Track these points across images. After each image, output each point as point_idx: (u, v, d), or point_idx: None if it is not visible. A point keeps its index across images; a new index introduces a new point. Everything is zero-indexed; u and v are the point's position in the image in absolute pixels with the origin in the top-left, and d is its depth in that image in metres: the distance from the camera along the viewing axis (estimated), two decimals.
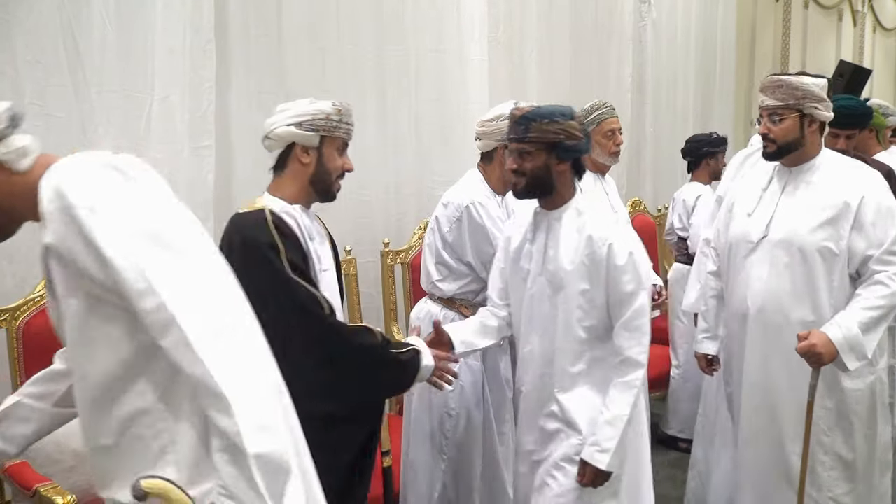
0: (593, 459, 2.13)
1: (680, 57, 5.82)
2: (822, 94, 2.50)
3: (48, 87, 2.63)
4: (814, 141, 2.55)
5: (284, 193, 2.13)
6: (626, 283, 2.15)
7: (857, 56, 8.60)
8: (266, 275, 1.96)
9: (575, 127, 2.19)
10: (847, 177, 2.51)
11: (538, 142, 2.17)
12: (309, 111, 2.10)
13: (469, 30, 3.99)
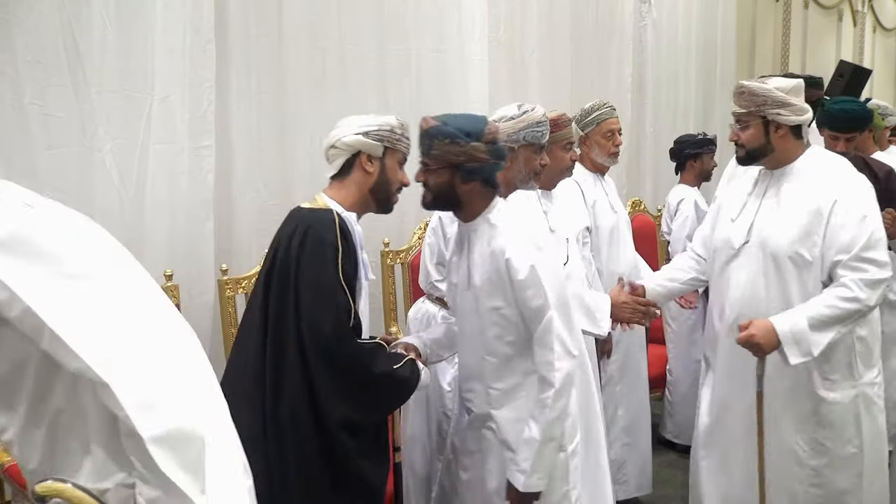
0: (513, 479, 2.13)
1: (680, 57, 5.82)
2: (788, 99, 2.46)
3: (48, 87, 2.63)
4: (786, 145, 2.51)
5: (344, 200, 2.19)
6: (531, 298, 2.09)
7: (857, 56, 8.61)
8: (322, 275, 2.02)
9: (479, 150, 2.11)
10: (823, 180, 2.47)
11: (441, 160, 2.13)
12: (375, 122, 2.19)
13: (469, 30, 3.99)
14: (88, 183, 2.75)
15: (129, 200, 2.84)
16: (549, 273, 2.12)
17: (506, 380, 2.18)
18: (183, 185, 2.93)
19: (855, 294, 2.33)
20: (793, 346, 2.34)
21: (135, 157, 2.85)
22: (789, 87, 2.47)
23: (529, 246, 2.13)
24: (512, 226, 2.16)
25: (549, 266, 2.14)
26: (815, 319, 2.33)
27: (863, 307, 2.34)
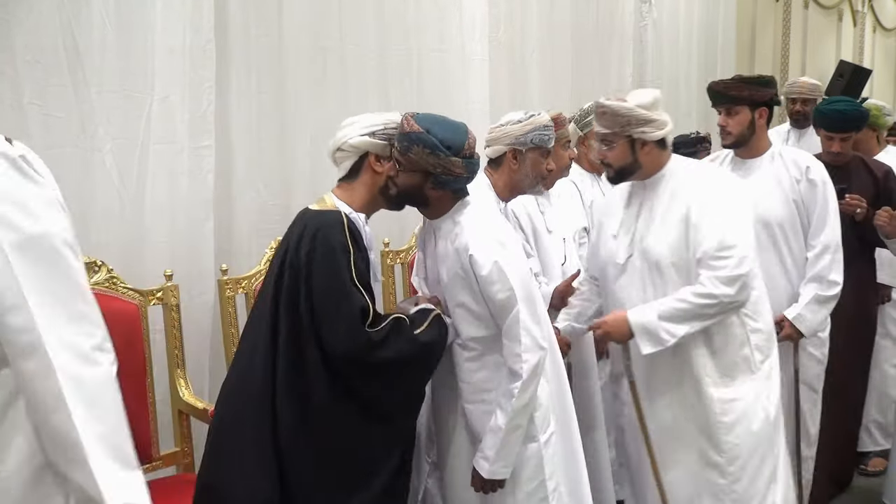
0: (477, 465, 2.17)
1: (681, 57, 5.82)
2: (650, 115, 2.42)
3: (48, 87, 2.62)
4: (652, 159, 2.50)
5: (353, 201, 2.18)
6: (497, 293, 2.11)
7: (857, 56, 8.61)
8: (333, 279, 2.02)
9: (456, 164, 2.11)
10: (686, 185, 2.47)
11: (414, 164, 2.13)
12: (381, 121, 2.18)
13: (470, 30, 3.98)
14: (88, 183, 2.74)
15: (129, 200, 2.84)
16: (514, 267, 2.15)
17: (477, 373, 2.21)
18: (183, 185, 2.93)
19: (708, 290, 2.33)
20: (643, 336, 2.39)
21: (135, 157, 2.84)
22: (650, 102, 2.44)
23: (492, 242, 2.15)
24: (475, 223, 2.18)
25: (513, 261, 2.16)
26: (666, 313, 2.37)
27: (720, 302, 2.34)
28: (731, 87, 3.02)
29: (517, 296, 2.11)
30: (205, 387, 2.98)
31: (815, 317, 2.95)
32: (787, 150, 3.14)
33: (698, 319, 2.37)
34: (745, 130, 3.02)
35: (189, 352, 2.87)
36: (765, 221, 2.97)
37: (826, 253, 2.96)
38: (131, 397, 2.57)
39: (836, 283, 2.95)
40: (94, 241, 2.75)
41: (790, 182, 3.01)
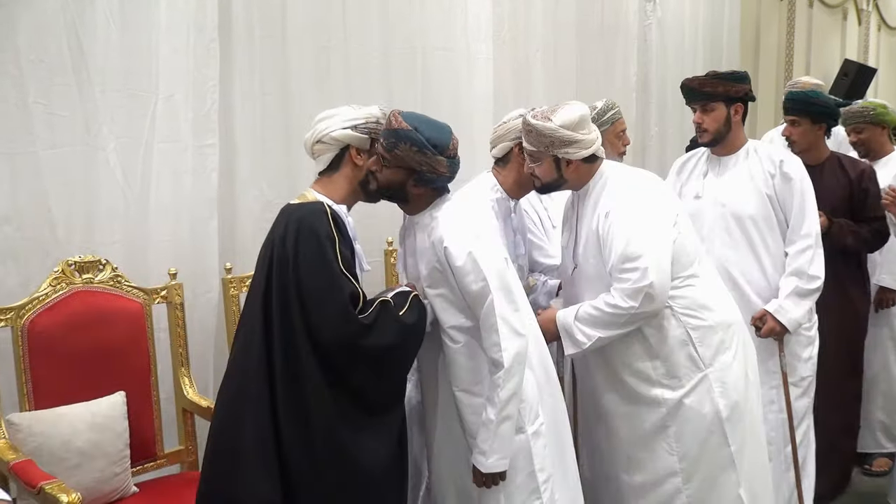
0: (476, 462, 2.16)
1: (686, 56, 5.79)
2: (574, 136, 2.38)
3: (52, 86, 2.63)
4: (579, 175, 2.47)
5: (333, 194, 2.19)
6: (471, 283, 2.12)
7: (862, 55, 8.57)
8: (318, 264, 2.03)
9: (440, 164, 2.14)
10: (605, 196, 2.44)
11: (399, 160, 2.14)
12: (361, 115, 2.20)
13: (475, 29, 3.98)
14: (92, 182, 2.75)
15: (134, 199, 2.85)
16: (489, 258, 2.15)
17: (466, 364, 2.22)
18: (187, 184, 2.94)
19: (616, 302, 2.34)
20: (566, 336, 2.44)
21: (139, 156, 2.85)
22: (575, 121, 2.38)
23: (467, 233, 2.16)
24: (451, 216, 2.20)
25: (488, 252, 2.17)
26: (582, 316, 2.40)
27: (628, 314, 2.33)
28: (706, 83, 2.97)
29: (491, 286, 2.11)
30: (209, 385, 2.98)
31: (796, 309, 2.88)
32: (763, 146, 3.10)
33: (612, 328, 2.37)
34: (721, 127, 2.97)
35: (193, 350, 2.88)
36: (737, 216, 2.96)
37: (806, 247, 2.90)
38: (135, 396, 2.59)
39: (817, 278, 2.89)
40: (99, 240, 2.76)
41: (763, 176, 2.96)
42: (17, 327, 2.44)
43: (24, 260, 2.62)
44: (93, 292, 2.60)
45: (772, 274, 2.95)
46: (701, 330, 2.43)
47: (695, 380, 2.42)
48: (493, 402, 2.12)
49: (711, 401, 2.42)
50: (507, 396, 2.12)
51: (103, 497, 2.44)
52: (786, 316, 2.87)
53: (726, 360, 2.45)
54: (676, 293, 2.41)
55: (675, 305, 2.42)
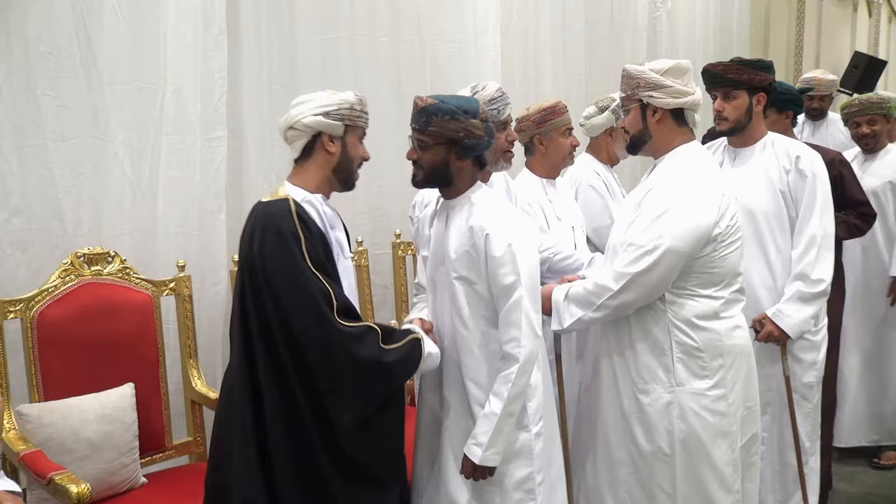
0: (469, 452, 2.14)
1: (697, 48, 5.78)
2: (662, 80, 2.32)
3: (61, 79, 2.63)
4: (664, 132, 2.38)
5: (307, 183, 2.16)
6: (504, 276, 2.12)
7: (873, 47, 8.51)
8: (286, 263, 2.00)
9: (477, 126, 2.15)
10: (664, 173, 2.36)
11: (438, 136, 2.14)
12: (334, 101, 2.14)
13: (483, 21, 3.97)
14: (101, 174, 2.75)
15: (142, 191, 2.85)
16: (526, 254, 2.16)
17: (475, 355, 2.20)
18: (195, 177, 2.94)
19: (601, 280, 2.31)
20: (554, 314, 2.40)
21: (147, 149, 2.85)
22: (665, 67, 2.34)
23: (509, 225, 2.17)
24: (492, 204, 2.21)
25: (526, 247, 2.17)
26: (573, 293, 2.36)
27: (606, 296, 2.29)
28: (730, 69, 2.85)
29: (522, 282, 2.12)
30: (217, 377, 2.99)
31: (798, 315, 2.73)
32: (780, 139, 2.94)
33: (589, 309, 2.33)
34: (741, 116, 2.84)
35: (201, 342, 2.89)
36: (748, 211, 2.80)
37: (811, 249, 2.75)
38: (144, 387, 2.60)
39: (822, 281, 2.74)
40: (107, 233, 2.76)
41: (778, 171, 2.83)
42: (26, 319, 2.45)
43: (33, 252, 2.63)
44: (101, 284, 2.61)
45: (780, 274, 2.83)
46: (685, 347, 2.32)
47: (660, 391, 2.33)
48: (499, 396, 2.12)
49: (669, 421, 2.33)
50: (516, 393, 2.12)
51: (112, 488, 2.45)
52: (785, 321, 2.74)
53: (699, 387, 2.32)
54: (681, 301, 2.32)
55: (671, 314, 2.32)
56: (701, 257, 2.28)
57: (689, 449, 2.33)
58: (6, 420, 2.37)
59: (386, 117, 3.66)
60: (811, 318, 2.78)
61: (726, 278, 2.33)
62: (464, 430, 2.23)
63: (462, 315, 2.21)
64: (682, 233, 2.24)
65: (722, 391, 2.33)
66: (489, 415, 2.13)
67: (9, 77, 2.53)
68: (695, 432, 2.32)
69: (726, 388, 2.34)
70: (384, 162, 3.68)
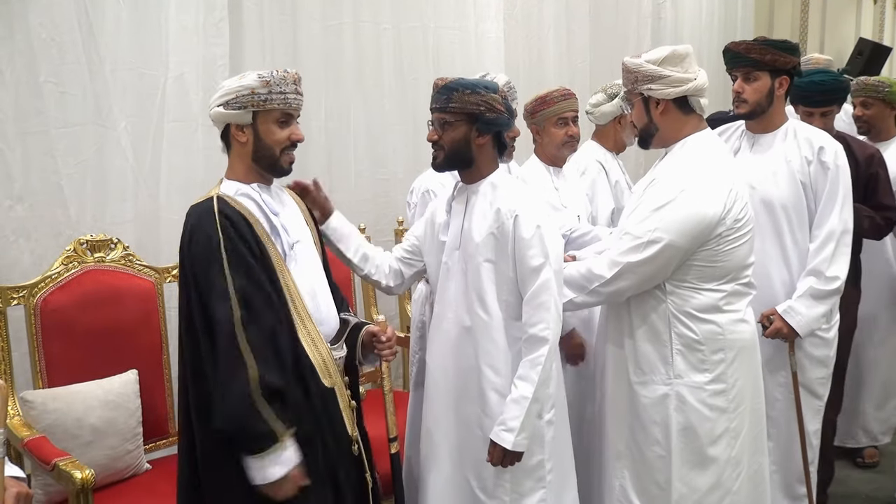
0: (499, 438, 2.11)
1: (702, 35, 5.75)
2: (660, 71, 2.23)
3: (63, 65, 2.63)
4: (669, 123, 2.29)
5: (237, 174, 2.07)
6: (532, 257, 2.12)
7: (877, 33, 8.46)
8: (209, 263, 1.92)
9: (497, 100, 2.15)
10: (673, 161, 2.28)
11: (459, 112, 2.14)
12: (234, 89, 1.99)
13: (484, 8, 3.96)
14: (104, 161, 2.75)
15: (144, 178, 2.85)
16: (554, 238, 2.17)
17: (496, 340, 2.19)
18: (197, 163, 2.94)
19: (593, 265, 2.28)
20: None
21: (149, 135, 2.85)
22: (661, 56, 2.24)
23: (538, 207, 2.18)
24: (517, 187, 2.21)
25: (552, 230, 2.18)
26: (567, 274, 2.30)
27: (597, 282, 2.26)
28: (753, 48, 2.68)
29: (550, 264, 2.12)
30: None
31: (809, 312, 2.62)
32: (803, 127, 2.78)
33: (580, 292, 2.30)
34: (762, 100, 2.69)
35: None
36: (766, 202, 2.69)
37: (828, 244, 2.64)
38: (148, 373, 2.61)
39: (836, 279, 2.63)
40: (110, 219, 2.77)
41: (800, 162, 2.68)
42: (29, 306, 2.45)
43: (37, 238, 2.63)
44: (105, 271, 2.61)
45: (797, 269, 2.71)
46: (685, 339, 2.25)
47: (657, 382, 2.28)
48: (529, 380, 2.09)
49: (665, 413, 2.27)
50: (545, 377, 2.11)
51: (116, 473, 2.47)
52: (795, 318, 2.63)
53: (698, 381, 2.26)
54: (681, 293, 2.25)
55: (672, 306, 2.26)
56: (704, 251, 2.21)
57: (684, 443, 2.27)
58: (10, 406, 2.37)
59: (388, 104, 3.66)
60: (822, 317, 2.67)
61: (731, 272, 2.26)
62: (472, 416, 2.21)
63: (485, 300, 2.19)
64: (682, 227, 2.17)
65: (722, 386, 2.26)
66: (519, 399, 2.10)
67: (11, 64, 2.53)
68: (691, 426, 2.26)
69: (726, 382, 2.27)
70: (388, 147, 3.68)
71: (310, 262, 2.12)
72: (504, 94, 2.21)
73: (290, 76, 2.03)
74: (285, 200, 2.15)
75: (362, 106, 3.54)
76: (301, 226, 2.15)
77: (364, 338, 2.20)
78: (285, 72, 2.02)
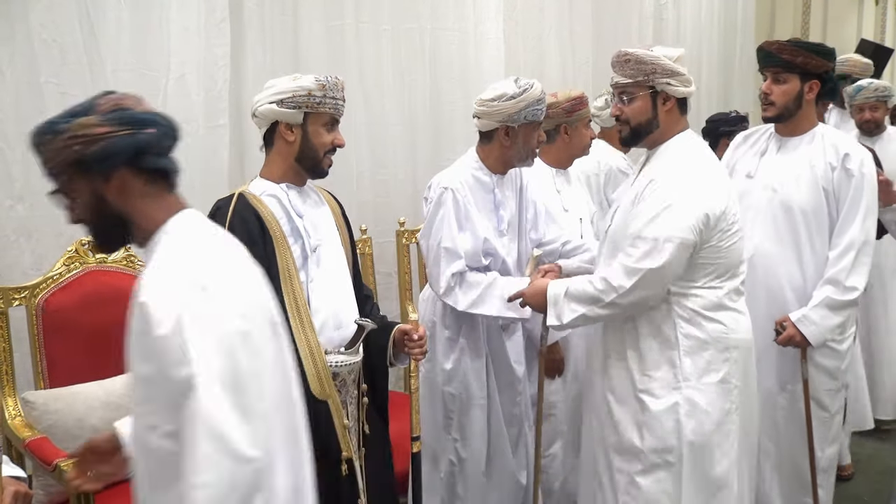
0: None
1: (703, 36, 5.75)
2: (676, 67, 2.22)
3: (64, 66, 2.63)
4: (670, 122, 2.27)
5: (272, 173, 2.12)
6: None
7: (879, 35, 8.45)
8: None
9: (88, 124, 1.41)
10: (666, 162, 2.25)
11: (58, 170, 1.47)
12: (290, 88, 2.05)
13: (483, 9, 3.95)
14: None
15: None
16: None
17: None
18: (198, 164, 2.93)
19: (609, 276, 2.17)
20: (552, 308, 2.28)
21: None
22: (677, 55, 2.24)
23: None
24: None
25: None
26: (574, 289, 2.25)
27: (616, 293, 2.16)
28: (784, 49, 2.63)
29: None
30: None
31: (823, 322, 2.57)
32: (831, 133, 2.73)
33: (595, 306, 2.21)
34: (790, 103, 2.64)
35: None
36: (786, 206, 2.65)
37: (848, 253, 2.57)
38: None
39: (855, 289, 2.57)
40: None
41: (824, 167, 2.62)
42: (31, 306, 2.45)
43: (38, 239, 2.63)
44: (106, 271, 2.62)
45: (812, 276, 2.65)
46: (692, 340, 2.20)
47: (666, 390, 2.21)
48: None
49: (676, 420, 2.20)
50: None
51: None
52: (808, 328, 2.57)
53: (708, 382, 2.21)
54: (686, 293, 2.21)
55: (677, 306, 2.21)
56: (708, 247, 2.18)
57: (696, 448, 2.21)
58: (12, 407, 2.37)
59: (388, 104, 3.65)
60: (837, 328, 2.61)
61: (731, 269, 2.24)
62: None
63: None
64: (690, 223, 2.13)
65: (728, 386, 2.23)
66: None
67: (12, 65, 2.53)
68: (703, 430, 2.20)
69: (731, 382, 2.23)
70: (388, 148, 3.68)
71: (333, 266, 2.14)
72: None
73: (340, 83, 2.12)
74: (316, 201, 2.18)
75: (363, 107, 3.54)
76: (329, 228, 2.18)
77: (396, 336, 2.20)
78: (336, 78, 2.11)
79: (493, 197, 2.64)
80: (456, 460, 2.68)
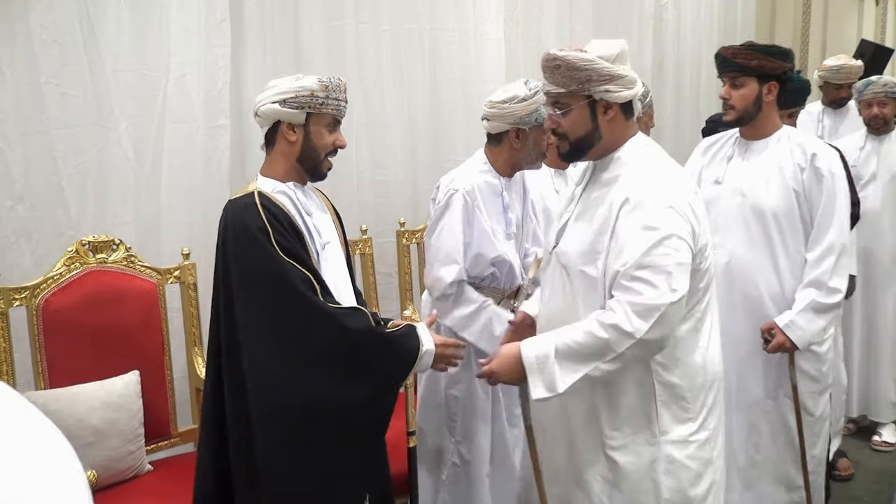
0: None
1: (702, 37, 5.75)
2: (615, 70, 1.88)
3: (64, 66, 2.63)
4: (615, 130, 1.95)
5: (275, 172, 2.12)
6: None
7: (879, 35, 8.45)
8: (259, 258, 1.96)
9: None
10: (628, 176, 1.91)
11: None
12: (293, 88, 2.05)
13: (483, 9, 3.96)
14: (105, 162, 2.76)
15: (145, 179, 2.85)
16: None
17: None
18: (198, 164, 2.94)
19: (617, 321, 1.78)
20: (537, 376, 1.85)
21: (150, 136, 2.85)
22: (614, 53, 1.90)
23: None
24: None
25: None
26: (565, 346, 1.83)
27: (632, 340, 1.78)
28: (739, 53, 2.61)
29: None
30: None
31: (809, 326, 2.53)
32: (796, 133, 2.73)
33: (603, 360, 1.81)
34: (749, 106, 2.63)
35: (206, 330, 2.88)
36: (757, 210, 2.62)
37: (829, 256, 2.55)
38: (149, 375, 2.61)
39: (838, 291, 2.56)
40: (112, 221, 2.77)
41: (793, 168, 2.60)
42: (31, 307, 2.45)
43: (38, 239, 2.63)
44: (107, 272, 2.62)
45: (788, 279, 2.62)
46: (668, 388, 1.91)
47: (642, 445, 1.92)
48: None
49: (653, 480, 1.92)
50: None
51: (118, 475, 2.47)
52: (796, 332, 2.53)
53: (683, 434, 1.93)
54: None
55: None
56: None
57: None
58: None
59: (388, 105, 3.65)
60: (822, 331, 2.60)
61: (700, 291, 1.94)
62: None
63: None
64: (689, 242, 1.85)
65: (706, 434, 1.96)
66: None
67: (12, 65, 2.53)
68: (682, 488, 1.93)
69: (710, 429, 1.97)
70: (388, 148, 3.68)
71: (337, 265, 2.17)
72: None
73: (343, 84, 2.13)
74: (317, 202, 2.21)
75: (363, 107, 3.55)
76: (330, 228, 2.20)
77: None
78: (339, 79, 2.12)
79: (502, 200, 2.64)
80: (460, 462, 2.69)
